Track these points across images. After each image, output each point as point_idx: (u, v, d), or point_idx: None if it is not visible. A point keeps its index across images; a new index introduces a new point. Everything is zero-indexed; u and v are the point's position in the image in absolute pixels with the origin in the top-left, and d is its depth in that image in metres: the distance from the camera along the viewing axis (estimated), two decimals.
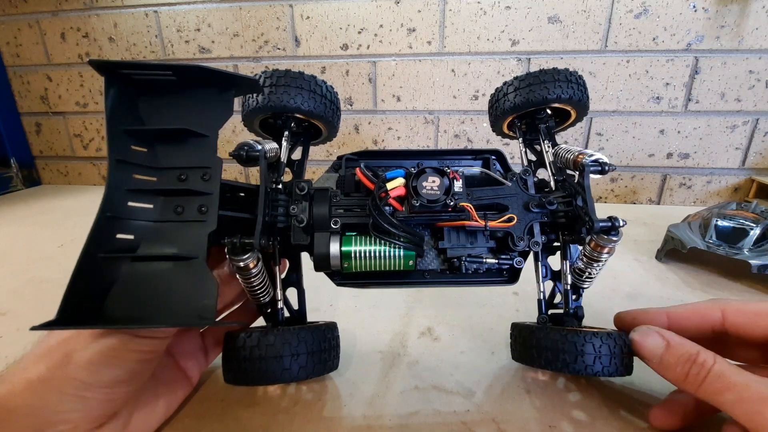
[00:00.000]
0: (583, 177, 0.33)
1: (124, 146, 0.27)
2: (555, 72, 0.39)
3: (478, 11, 0.87)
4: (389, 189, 0.31)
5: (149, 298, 0.27)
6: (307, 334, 0.31)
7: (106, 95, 0.26)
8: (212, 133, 0.28)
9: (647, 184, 0.95)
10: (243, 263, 0.29)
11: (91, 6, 1.00)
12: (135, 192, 0.27)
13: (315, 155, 1.05)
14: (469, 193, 0.33)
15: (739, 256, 0.53)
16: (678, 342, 0.29)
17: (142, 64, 0.27)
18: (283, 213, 0.33)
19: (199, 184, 0.28)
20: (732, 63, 0.84)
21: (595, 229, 0.31)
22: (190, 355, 0.35)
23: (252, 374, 0.30)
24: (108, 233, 0.26)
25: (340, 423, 0.33)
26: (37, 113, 1.13)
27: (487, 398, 0.35)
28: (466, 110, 0.95)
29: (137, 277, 0.27)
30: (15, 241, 0.76)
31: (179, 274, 0.27)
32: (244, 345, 0.30)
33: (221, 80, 0.28)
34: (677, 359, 0.28)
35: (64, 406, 0.24)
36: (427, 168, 0.32)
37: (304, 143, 0.42)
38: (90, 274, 0.25)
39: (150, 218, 0.28)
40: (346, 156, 0.38)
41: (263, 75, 0.36)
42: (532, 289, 0.37)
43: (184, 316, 0.26)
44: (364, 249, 0.33)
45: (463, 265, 0.34)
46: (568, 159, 0.35)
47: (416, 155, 0.39)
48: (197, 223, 0.28)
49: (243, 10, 0.94)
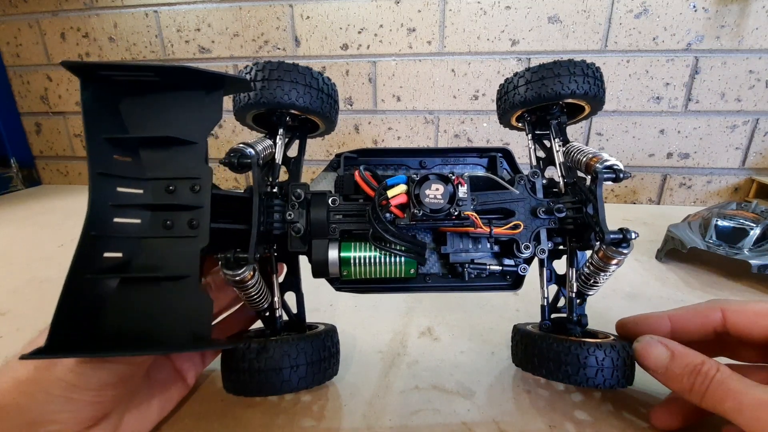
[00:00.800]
0: (595, 184, 0.31)
1: (107, 157, 0.25)
2: (571, 64, 0.35)
3: (478, 11, 0.87)
4: (390, 197, 0.30)
5: (141, 319, 0.25)
6: (306, 344, 0.30)
7: (82, 99, 0.24)
8: (201, 139, 0.27)
9: (647, 184, 0.95)
10: (239, 277, 0.28)
11: (91, 6, 1.00)
12: (120, 207, 0.26)
13: (315, 155, 1.05)
14: (474, 198, 0.32)
15: (739, 256, 0.53)
16: (682, 352, 0.28)
17: (121, 65, 0.25)
18: (279, 219, 0.32)
19: (188, 197, 0.27)
20: (732, 63, 0.84)
21: (606, 241, 0.29)
22: (186, 357, 0.35)
23: (251, 386, 0.29)
24: (94, 252, 0.25)
25: (340, 423, 0.33)
26: (37, 113, 1.13)
27: (487, 398, 0.35)
28: (466, 110, 0.95)
29: (128, 298, 0.25)
30: (15, 241, 0.76)
31: (171, 293, 0.26)
32: (244, 357, 0.29)
33: (208, 80, 0.27)
34: (682, 370, 0.28)
35: (51, 406, 0.24)
36: (430, 175, 0.30)
37: (300, 137, 0.40)
38: (78, 296, 0.24)
39: (138, 234, 0.26)
40: (345, 154, 0.36)
41: (254, 68, 0.34)
42: (533, 288, 0.37)
43: (179, 339, 0.25)
44: (363, 255, 0.32)
45: (466, 272, 0.33)
46: (579, 161, 0.34)
47: (418, 153, 0.37)
48: (188, 238, 0.26)
49: (243, 10, 0.94)
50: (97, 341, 0.24)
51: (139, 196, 0.27)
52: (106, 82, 0.25)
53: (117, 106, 0.26)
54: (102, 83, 0.25)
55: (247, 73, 0.34)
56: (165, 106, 0.27)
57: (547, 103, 0.37)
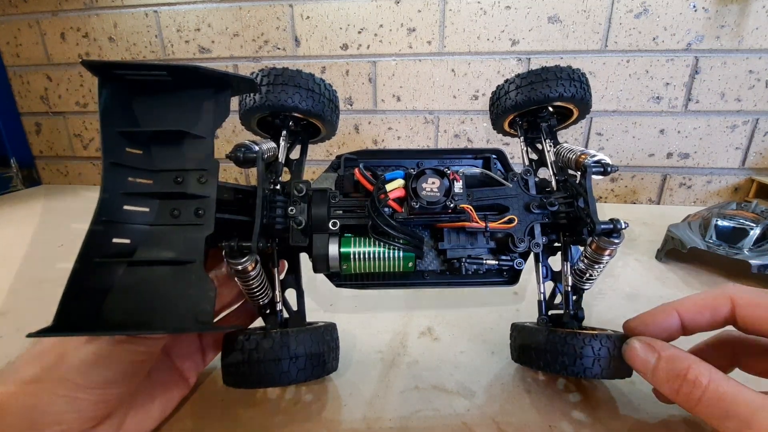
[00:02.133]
0: (585, 178, 0.32)
1: (119, 149, 0.27)
2: (557, 70, 0.38)
3: (478, 11, 0.87)
4: (388, 190, 0.31)
5: (146, 302, 0.26)
6: (305, 336, 0.31)
7: (100, 96, 0.26)
8: (209, 134, 0.28)
9: (647, 184, 0.95)
10: (241, 266, 0.29)
11: (91, 6, 1.00)
12: (130, 195, 0.27)
13: (315, 155, 1.05)
14: (469, 194, 0.33)
15: (739, 256, 0.53)
16: (669, 355, 0.27)
17: (136, 64, 0.27)
18: (281, 214, 0.33)
19: (195, 187, 0.28)
20: (732, 63, 0.84)
21: (597, 231, 0.30)
22: (187, 357, 0.35)
23: (250, 377, 0.29)
24: (104, 238, 0.26)
25: (340, 423, 0.33)
26: (37, 113, 1.13)
27: (487, 398, 0.35)
28: (466, 110, 0.95)
29: (134, 282, 0.26)
30: (15, 241, 0.76)
31: (176, 278, 0.27)
32: (243, 348, 0.29)
33: (217, 80, 0.28)
34: (667, 374, 0.26)
35: (56, 407, 0.25)
36: (426, 169, 0.31)
37: (302, 142, 0.41)
38: (86, 279, 0.24)
39: (146, 221, 0.28)
40: (345, 155, 0.37)
41: (260, 73, 0.36)
42: (532, 288, 0.37)
43: (182, 320, 0.26)
44: (363, 250, 0.33)
45: (463, 267, 0.34)
46: (569, 159, 0.35)
47: (416, 154, 0.38)
48: (194, 226, 0.27)
49: (243, 10, 0.94)
50: (104, 322, 0.25)
51: (149, 186, 0.28)
52: (122, 80, 0.26)
53: (131, 102, 0.27)
54: (118, 81, 0.26)
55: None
56: (175, 103, 0.28)
57: (538, 107, 0.39)
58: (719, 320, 0.29)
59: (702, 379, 0.24)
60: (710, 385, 0.24)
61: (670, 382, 0.26)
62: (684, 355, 0.27)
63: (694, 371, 0.25)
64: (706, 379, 0.24)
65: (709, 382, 0.24)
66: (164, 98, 0.28)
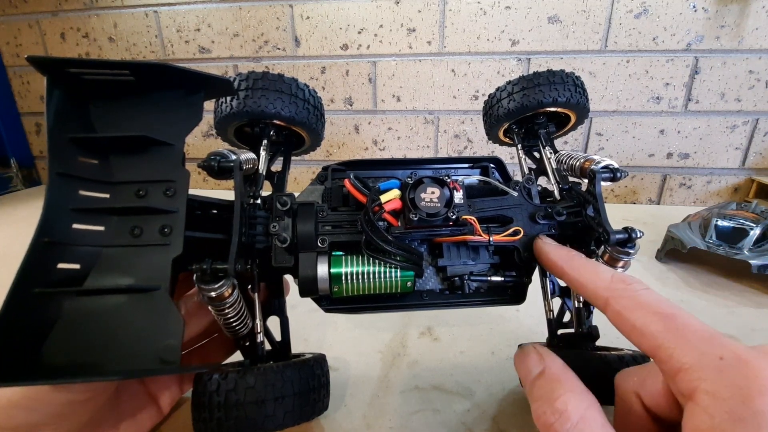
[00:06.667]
0: (594, 185, 0.30)
1: (70, 158, 0.23)
2: (550, 74, 0.36)
3: (478, 11, 0.87)
4: (383, 202, 0.28)
5: (99, 339, 0.22)
6: (292, 372, 0.27)
7: (49, 98, 0.22)
8: (178, 141, 0.25)
9: (647, 184, 0.95)
10: (215, 293, 0.24)
11: (91, 6, 1.00)
12: (81, 211, 0.23)
13: (315, 155, 1.05)
14: (470, 204, 0.30)
15: (739, 256, 0.53)
16: (553, 375, 0.23)
17: (93, 61, 0.22)
18: (262, 231, 0.29)
19: (161, 201, 0.24)
20: (732, 63, 0.84)
21: (611, 242, 0.27)
22: (161, 383, 0.31)
23: (227, 423, 0.25)
24: (46, 263, 0.22)
25: (340, 423, 0.33)
26: (37, 113, 1.13)
27: (487, 398, 0.35)
28: (466, 110, 0.95)
29: (84, 315, 0.22)
30: (15, 242, 0.76)
31: (137, 308, 0.23)
32: (218, 389, 0.25)
33: (189, 80, 0.25)
34: (537, 396, 0.22)
35: None
36: (425, 178, 0.28)
37: (284, 153, 0.38)
38: (23, 313, 0.20)
39: (100, 242, 0.23)
40: (332, 166, 0.34)
41: (238, 78, 0.33)
42: (532, 288, 0.36)
43: (141, 361, 0.22)
44: (356, 270, 0.29)
45: (466, 285, 0.30)
46: (573, 165, 0.33)
47: (408, 164, 0.35)
48: (159, 246, 0.23)
49: (243, 10, 0.94)
50: (43, 366, 0.21)
51: (105, 201, 0.24)
52: (77, 80, 0.23)
53: (86, 105, 0.24)
54: (72, 82, 0.23)
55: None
56: (140, 106, 0.24)
57: (532, 113, 0.38)
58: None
59: (571, 417, 0.20)
60: (579, 424, 0.20)
61: (537, 402, 0.22)
62: (570, 379, 0.22)
63: (561, 403, 0.20)
64: (575, 416, 0.20)
65: (579, 420, 0.20)
66: (127, 101, 0.24)
